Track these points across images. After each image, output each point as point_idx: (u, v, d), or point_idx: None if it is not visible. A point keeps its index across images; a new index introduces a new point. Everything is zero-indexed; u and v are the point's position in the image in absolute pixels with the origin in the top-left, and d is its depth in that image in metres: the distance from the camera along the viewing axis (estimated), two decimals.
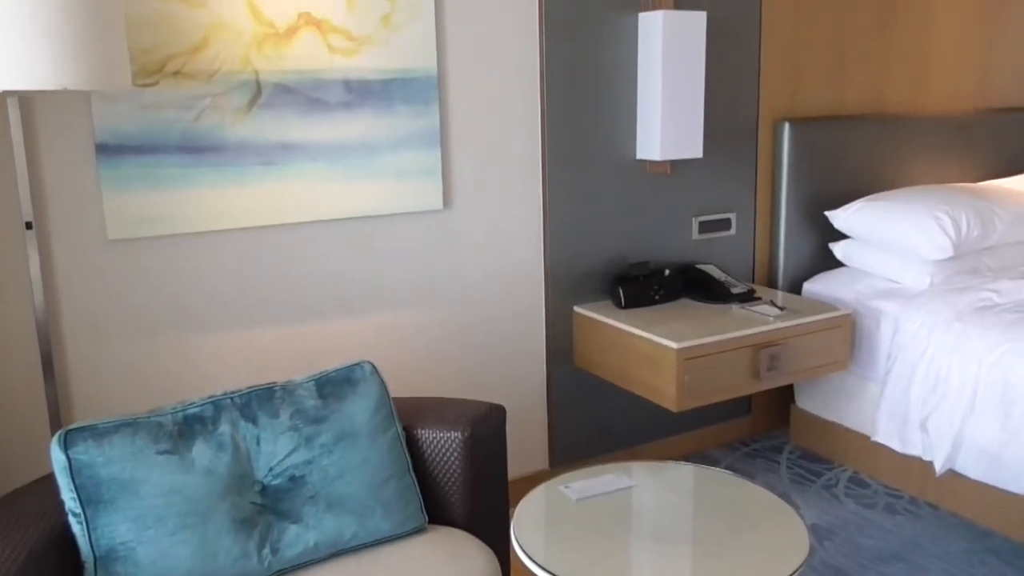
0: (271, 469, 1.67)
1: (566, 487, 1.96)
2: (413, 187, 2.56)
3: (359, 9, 2.38)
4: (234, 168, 2.29)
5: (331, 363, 2.55)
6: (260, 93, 2.29)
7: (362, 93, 2.43)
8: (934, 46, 3.64)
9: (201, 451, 1.61)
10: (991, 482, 2.63)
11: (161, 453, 1.58)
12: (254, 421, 1.69)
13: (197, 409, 1.67)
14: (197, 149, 2.24)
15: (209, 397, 1.69)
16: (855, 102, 3.46)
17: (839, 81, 3.40)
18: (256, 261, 2.40)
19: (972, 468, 2.66)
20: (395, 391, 2.67)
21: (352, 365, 1.83)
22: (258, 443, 1.68)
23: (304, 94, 2.35)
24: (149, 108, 2.17)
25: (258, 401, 1.71)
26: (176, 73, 2.18)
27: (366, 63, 2.42)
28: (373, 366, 1.84)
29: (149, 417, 1.63)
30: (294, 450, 1.69)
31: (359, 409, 1.77)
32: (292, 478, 1.68)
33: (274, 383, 1.77)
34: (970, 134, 3.72)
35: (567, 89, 2.78)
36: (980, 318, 2.69)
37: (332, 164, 2.42)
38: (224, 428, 1.65)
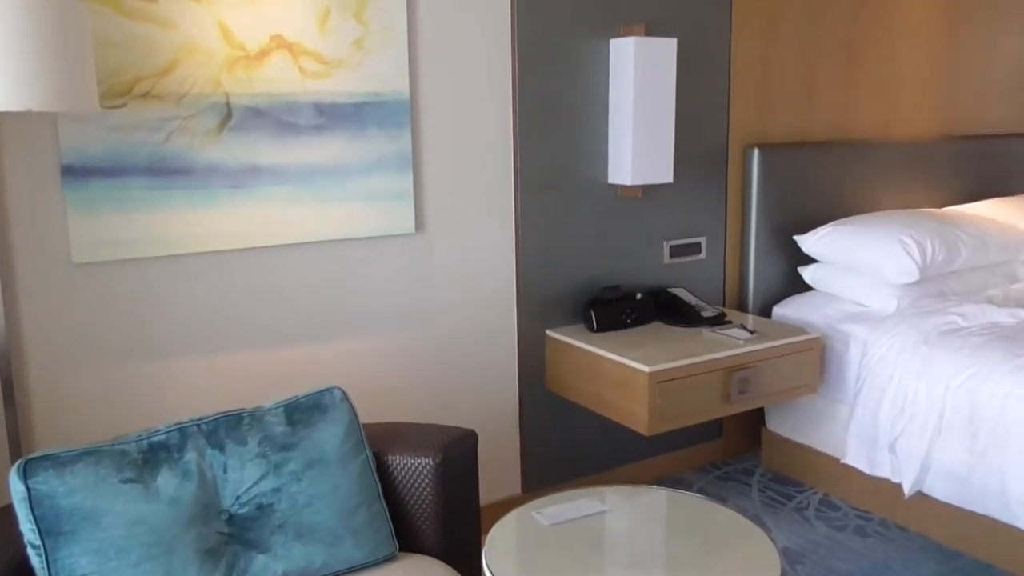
0: (238, 497, 1.64)
1: (538, 512, 1.95)
2: (385, 211, 2.55)
3: (331, 33, 2.38)
4: (203, 191, 2.27)
5: (300, 389, 2.52)
6: (230, 116, 2.28)
7: (334, 116, 2.42)
8: (899, 75, 3.71)
9: (166, 480, 1.58)
10: (959, 504, 2.65)
11: (125, 482, 1.54)
12: (221, 448, 1.66)
13: (162, 436, 1.64)
14: (166, 172, 2.22)
15: (175, 424, 1.66)
16: (823, 128, 3.51)
17: (807, 108, 3.45)
18: (225, 285, 2.37)
19: (940, 490, 2.69)
20: (365, 417, 2.64)
21: (322, 391, 1.81)
22: (225, 471, 1.65)
23: (275, 117, 2.34)
24: (117, 130, 2.14)
25: (225, 428, 1.68)
26: (145, 95, 2.16)
27: (338, 86, 2.41)
28: (343, 392, 1.82)
29: (113, 445, 1.59)
30: (262, 478, 1.66)
31: (329, 435, 1.75)
32: (260, 506, 1.65)
33: (242, 409, 1.74)
34: (933, 160, 3.79)
35: (539, 114, 2.80)
36: (947, 341, 2.72)
37: (303, 187, 2.41)
38: (190, 456, 1.62)
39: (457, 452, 1.89)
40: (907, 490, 2.73)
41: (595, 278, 3.01)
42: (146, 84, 2.16)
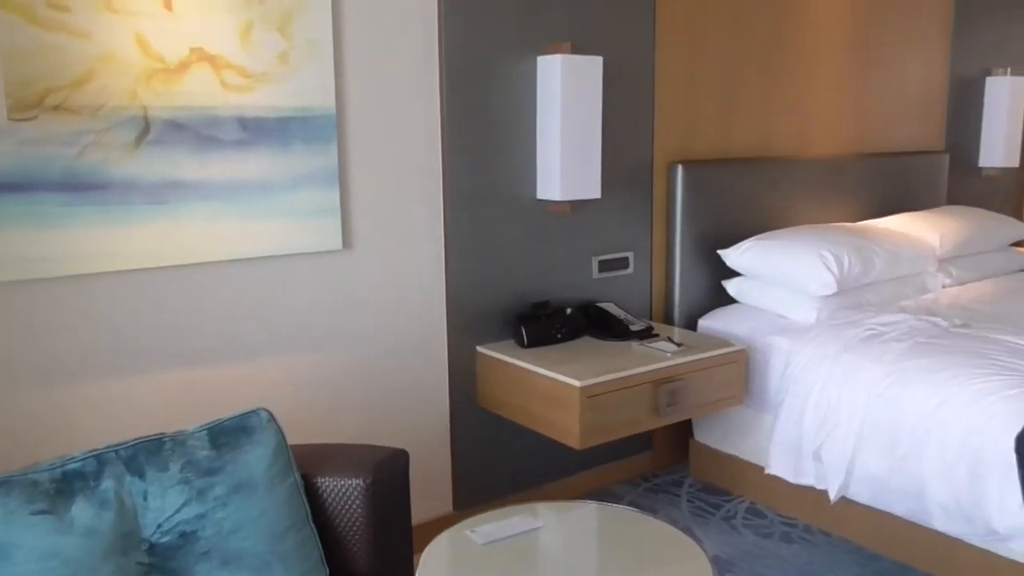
0: (160, 526, 1.58)
1: (472, 531, 1.92)
2: (311, 227, 2.50)
3: (254, 46, 2.33)
4: (120, 207, 2.19)
5: (225, 411, 2.44)
6: (149, 129, 2.20)
7: (258, 131, 2.37)
8: (814, 95, 3.83)
9: (82, 510, 1.51)
10: (881, 507, 2.73)
11: (36, 514, 1.47)
12: (141, 475, 1.59)
13: (77, 464, 1.56)
14: (80, 187, 2.13)
15: (91, 451, 1.59)
16: (743, 146, 3.60)
17: (728, 125, 3.53)
18: (144, 305, 2.29)
19: (863, 494, 2.76)
20: (293, 438, 2.57)
21: (247, 413, 1.76)
22: (145, 498, 1.58)
23: (196, 131, 2.27)
24: (27, 144, 2.05)
25: (145, 454, 1.62)
26: (57, 107, 2.07)
27: (262, 100, 2.36)
28: (270, 413, 1.77)
29: (24, 475, 1.51)
30: (185, 504, 1.60)
31: (255, 459, 1.69)
32: (183, 534, 1.59)
33: (163, 434, 1.68)
34: (847, 176, 3.92)
35: (468, 129, 2.79)
36: (867, 349, 2.80)
37: (226, 204, 2.34)
38: (107, 484, 1.55)
39: (388, 472, 1.86)
40: (832, 496, 2.80)
41: (525, 293, 3.01)
42: (58, 96, 2.07)
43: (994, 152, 4.59)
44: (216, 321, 2.40)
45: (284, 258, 2.50)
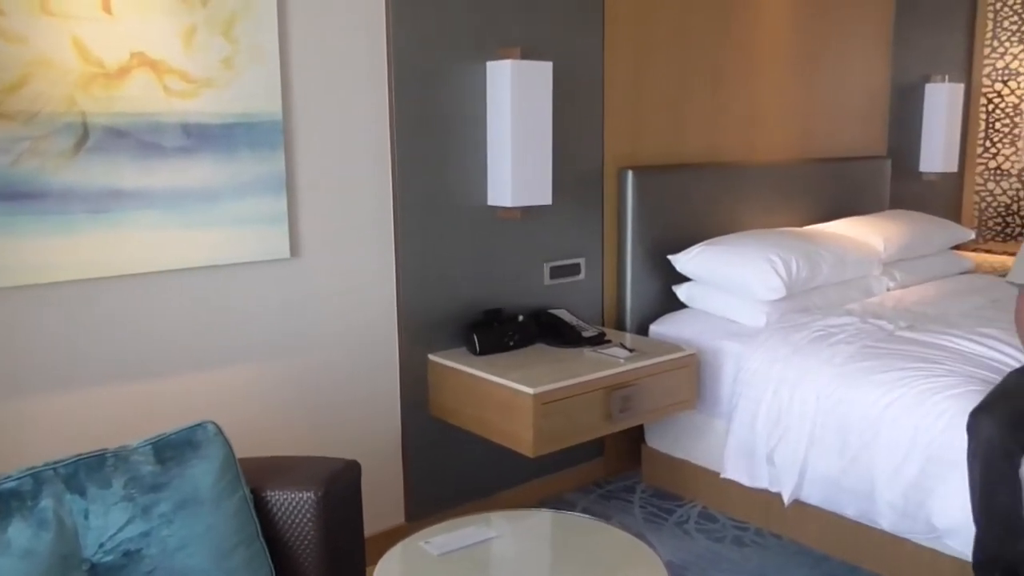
0: (102, 545, 1.52)
1: (426, 542, 1.90)
2: (258, 235, 2.45)
3: (197, 50, 2.28)
4: (58, 216, 2.12)
5: (170, 425, 2.36)
6: (87, 136, 2.14)
7: (202, 137, 2.31)
8: (761, 102, 3.89)
9: (18, 530, 1.45)
10: (832, 508, 2.77)
11: None
12: (82, 493, 1.53)
13: (14, 483, 1.50)
14: (14, 196, 2.05)
15: (27, 469, 1.53)
16: (692, 151, 3.63)
17: (677, 131, 3.56)
18: (84, 317, 2.22)
19: (815, 496, 2.80)
20: (242, 451, 2.50)
21: (193, 426, 1.71)
22: (86, 517, 1.52)
23: (137, 138, 2.21)
24: None
25: (86, 470, 1.56)
26: None
27: (206, 106, 2.31)
28: (217, 426, 1.73)
29: None
30: (128, 522, 1.55)
31: (202, 473, 1.65)
32: (127, 553, 1.53)
33: (105, 450, 1.62)
34: (793, 182, 3.99)
35: (417, 136, 2.77)
36: (816, 351, 2.84)
37: (169, 212, 2.29)
38: (46, 503, 1.49)
39: (340, 485, 1.82)
40: (786, 499, 2.83)
41: (477, 301, 2.99)
42: None
43: (934, 157, 4.71)
44: (160, 332, 2.34)
45: (230, 267, 2.44)
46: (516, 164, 2.84)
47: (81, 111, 2.12)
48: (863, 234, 3.75)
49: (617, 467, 3.52)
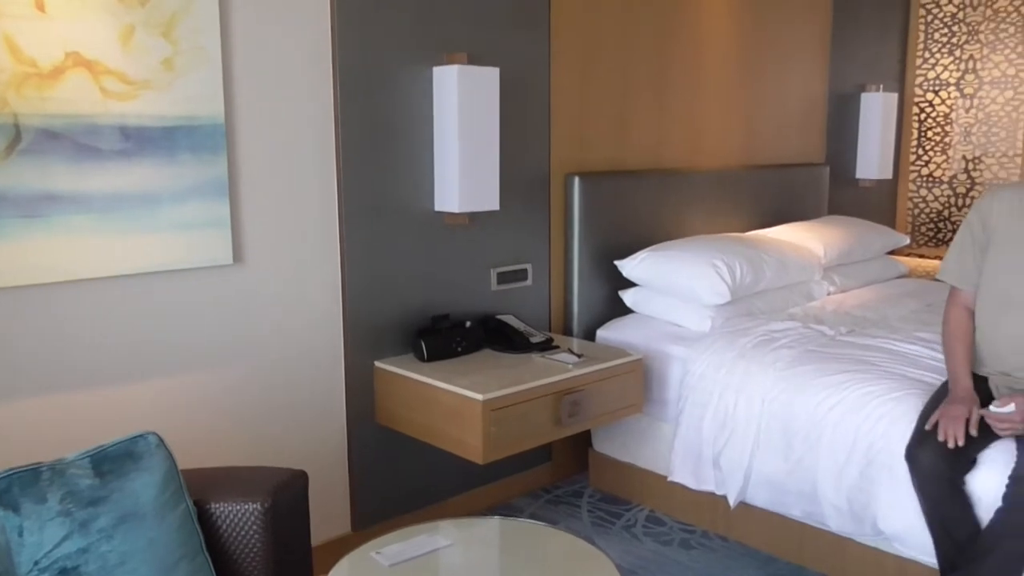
0: (37, 563, 1.46)
1: (376, 553, 1.87)
2: (200, 241, 2.39)
3: (136, 51, 2.22)
4: None
5: (109, 436, 2.29)
6: (20, 138, 2.06)
7: (141, 140, 2.25)
8: (704, 109, 3.94)
9: None
10: (778, 510, 2.81)
11: None
12: (15, 509, 1.47)
13: None
14: None
15: None
16: (638, 158, 3.66)
17: (623, 138, 3.59)
18: (18, 325, 2.13)
19: (760, 498, 2.84)
20: (185, 463, 2.44)
21: (134, 437, 1.66)
22: (20, 534, 1.46)
23: (73, 140, 2.14)
24: None
25: (20, 485, 1.50)
26: None
27: (145, 108, 2.25)
28: (159, 437, 1.68)
29: None
30: (65, 538, 1.49)
31: (143, 486, 1.60)
32: (63, 571, 1.48)
33: (40, 463, 1.56)
34: (736, 188, 4.05)
35: (364, 140, 2.74)
36: (761, 355, 2.88)
37: (107, 217, 2.22)
38: None
39: (286, 495, 1.79)
40: (732, 501, 2.86)
41: (424, 307, 2.97)
42: None
43: (870, 164, 4.84)
44: (98, 341, 2.27)
45: (171, 273, 2.38)
46: (463, 170, 2.83)
47: (13, 112, 2.05)
48: (804, 239, 3.83)
49: (565, 472, 3.52)
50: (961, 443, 2.22)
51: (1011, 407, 2.20)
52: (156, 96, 2.26)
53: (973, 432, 2.23)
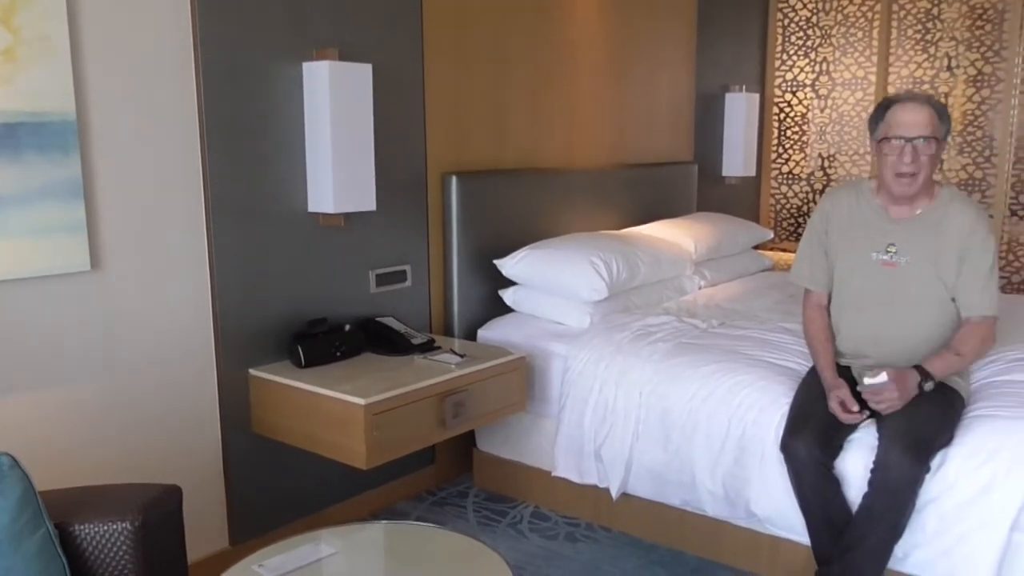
0: None
1: (259, 566, 1.79)
2: (52, 247, 2.23)
3: None
4: None
5: None
6: None
7: None
8: (577, 109, 4.00)
9: None
10: (660, 499, 2.87)
11: None
12: None
13: None
14: None
15: None
16: (514, 157, 3.68)
17: (499, 137, 3.59)
18: None
19: (641, 489, 2.90)
20: (44, 484, 2.27)
21: None
22: None
23: None
24: None
25: None
26: None
27: None
28: (12, 458, 1.55)
29: None
30: None
31: None
32: None
33: None
34: (610, 186, 4.13)
35: (230, 139, 2.63)
36: (637, 350, 2.94)
37: None
38: None
39: (159, 512, 1.69)
40: (614, 493, 2.91)
41: (300, 311, 2.87)
42: None
43: (734, 162, 5.04)
44: None
45: (20, 282, 2.21)
46: (337, 169, 2.76)
47: None
48: (675, 235, 3.94)
49: (449, 473, 3.50)
50: (855, 410, 2.35)
51: (883, 376, 2.31)
52: None
53: (853, 408, 2.36)
